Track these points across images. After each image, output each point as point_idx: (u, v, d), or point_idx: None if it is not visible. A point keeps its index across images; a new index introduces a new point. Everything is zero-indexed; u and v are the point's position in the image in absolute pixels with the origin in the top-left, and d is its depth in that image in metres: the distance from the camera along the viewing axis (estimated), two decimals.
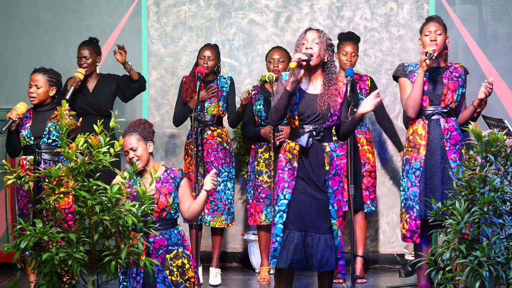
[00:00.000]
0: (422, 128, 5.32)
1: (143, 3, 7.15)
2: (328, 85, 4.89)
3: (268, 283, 6.28)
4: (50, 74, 5.67)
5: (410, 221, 5.28)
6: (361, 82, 6.43)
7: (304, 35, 4.92)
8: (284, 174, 4.88)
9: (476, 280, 4.17)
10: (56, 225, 4.15)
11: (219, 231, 6.46)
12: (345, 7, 7.13)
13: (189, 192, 4.66)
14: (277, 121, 4.91)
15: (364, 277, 6.39)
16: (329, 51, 4.92)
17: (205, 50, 6.40)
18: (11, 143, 5.68)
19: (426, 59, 5.20)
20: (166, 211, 4.57)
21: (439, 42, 5.31)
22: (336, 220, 4.84)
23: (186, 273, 4.58)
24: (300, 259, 4.81)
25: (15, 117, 5.55)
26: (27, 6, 7.18)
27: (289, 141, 4.94)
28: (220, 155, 6.38)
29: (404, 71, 5.40)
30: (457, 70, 5.39)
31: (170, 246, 4.56)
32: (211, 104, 6.39)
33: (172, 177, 4.64)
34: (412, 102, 5.29)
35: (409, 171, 5.32)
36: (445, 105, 5.31)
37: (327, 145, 4.89)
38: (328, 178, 4.85)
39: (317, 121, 4.87)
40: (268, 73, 6.24)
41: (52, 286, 4.10)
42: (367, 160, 6.42)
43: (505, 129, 5.42)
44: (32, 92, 5.64)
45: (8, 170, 4.24)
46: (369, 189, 6.43)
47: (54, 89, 5.65)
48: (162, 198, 4.57)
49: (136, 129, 4.66)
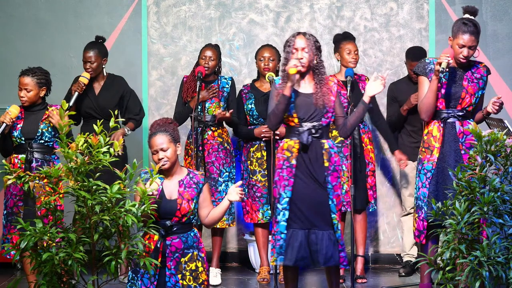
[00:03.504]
0: (437, 130, 5.26)
1: (143, 3, 7.15)
2: (320, 85, 5.04)
3: (268, 283, 6.28)
4: (38, 75, 5.64)
5: (418, 221, 5.28)
6: (361, 81, 6.43)
7: (294, 43, 5.02)
8: (283, 173, 5.00)
9: (476, 280, 4.17)
10: (55, 225, 4.16)
11: (219, 231, 6.46)
12: (345, 7, 7.13)
13: (209, 198, 4.66)
14: (276, 125, 5.06)
15: (364, 277, 6.39)
16: (318, 53, 5.06)
17: (206, 50, 6.40)
18: (4, 145, 5.68)
19: (439, 69, 5.09)
20: (187, 216, 4.56)
21: (469, 55, 5.18)
22: (335, 214, 4.99)
23: (199, 276, 4.57)
24: (305, 256, 4.94)
25: (8, 121, 5.55)
26: (27, 6, 7.17)
27: (287, 140, 5.03)
28: (221, 155, 6.38)
29: (424, 69, 5.30)
30: (479, 71, 5.31)
31: (186, 249, 4.54)
32: (212, 104, 6.39)
33: (195, 182, 4.61)
34: (425, 107, 5.23)
35: (421, 172, 5.29)
36: (462, 108, 5.25)
37: (325, 142, 5.02)
38: (327, 174, 4.98)
39: (314, 118, 4.99)
40: (268, 73, 6.24)
41: (52, 286, 4.10)
42: (371, 159, 6.42)
43: (505, 129, 5.42)
44: (22, 96, 5.63)
45: (8, 170, 4.24)
46: (372, 189, 6.43)
47: (44, 89, 5.64)
48: (184, 204, 4.55)
49: (167, 129, 4.59)
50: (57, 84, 6.49)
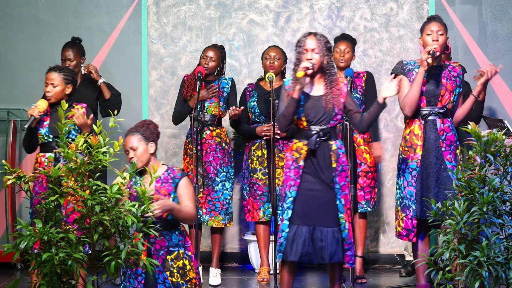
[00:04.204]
0: (418, 128, 5.32)
1: (143, 3, 7.15)
2: (330, 86, 5.06)
3: (268, 283, 6.28)
4: (65, 72, 5.66)
5: (406, 220, 5.31)
6: (358, 79, 6.43)
7: (304, 43, 5.03)
8: (290, 173, 5.05)
9: (475, 280, 4.17)
10: (55, 225, 4.16)
11: (219, 230, 6.46)
12: (345, 7, 7.13)
13: (187, 193, 4.65)
14: (286, 127, 5.09)
15: (364, 277, 6.39)
16: (328, 54, 5.07)
17: (209, 51, 6.41)
18: (30, 140, 5.64)
19: (428, 58, 5.19)
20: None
21: (441, 42, 5.30)
22: (343, 214, 5.02)
23: (187, 274, 4.58)
24: (309, 253, 4.98)
25: (36, 115, 5.52)
26: (27, 6, 7.18)
27: (296, 141, 5.07)
28: (219, 155, 6.38)
29: (403, 69, 5.39)
30: (455, 70, 5.39)
31: (171, 247, 4.57)
32: (211, 104, 6.39)
33: (171, 177, 4.64)
34: (409, 101, 5.29)
35: (406, 171, 5.33)
36: (442, 106, 5.31)
37: (333, 143, 5.06)
38: (335, 174, 5.02)
39: (323, 121, 5.03)
40: (268, 73, 6.25)
41: (52, 286, 4.10)
42: (364, 160, 6.41)
43: (504, 129, 5.43)
44: (48, 91, 5.62)
45: (8, 170, 4.24)
46: (364, 190, 6.42)
47: (70, 87, 5.64)
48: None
49: (138, 129, 4.69)
50: None
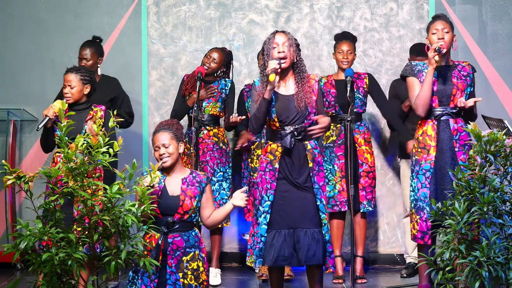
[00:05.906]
0: (431, 129, 5.29)
1: (143, 3, 7.15)
2: (301, 84, 4.99)
3: (267, 278, 6.27)
4: (82, 72, 5.65)
5: (421, 222, 5.25)
6: (359, 80, 6.43)
7: (273, 39, 4.99)
8: (266, 175, 4.99)
9: (475, 280, 4.17)
10: (56, 225, 4.15)
11: (218, 230, 6.46)
12: (345, 7, 7.13)
13: (211, 199, 4.71)
14: (259, 128, 5.02)
15: (364, 277, 6.39)
16: (298, 51, 5.02)
17: (214, 52, 6.42)
18: (46, 140, 5.64)
19: (435, 55, 5.17)
20: (188, 213, 4.58)
21: (447, 39, 5.29)
22: (325, 214, 4.96)
23: (200, 276, 4.59)
24: (287, 256, 4.89)
25: (51, 115, 5.51)
26: (27, 6, 7.17)
27: (271, 142, 5.02)
28: (216, 155, 6.38)
29: (413, 70, 5.36)
30: (465, 69, 5.36)
31: (187, 248, 4.57)
32: (208, 104, 6.40)
33: (198, 181, 4.65)
34: (422, 101, 5.26)
35: (419, 172, 5.29)
36: (454, 105, 5.29)
37: (308, 143, 4.99)
38: (313, 174, 4.96)
39: (297, 121, 4.97)
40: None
41: (52, 286, 4.10)
42: (365, 160, 6.40)
43: (504, 129, 5.42)
44: (67, 93, 5.62)
45: (8, 170, 4.24)
46: (366, 190, 6.41)
47: (88, 87, 5.63)
48: (187, 201, 4.58)
49: (170, 127, 4.69)
50: (56, 84, 6.51)
